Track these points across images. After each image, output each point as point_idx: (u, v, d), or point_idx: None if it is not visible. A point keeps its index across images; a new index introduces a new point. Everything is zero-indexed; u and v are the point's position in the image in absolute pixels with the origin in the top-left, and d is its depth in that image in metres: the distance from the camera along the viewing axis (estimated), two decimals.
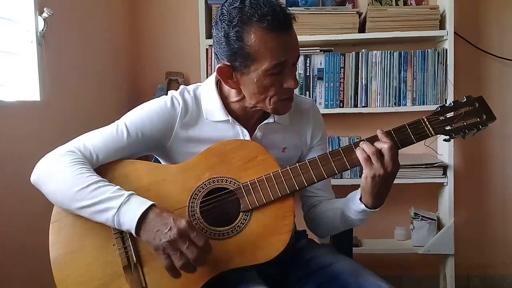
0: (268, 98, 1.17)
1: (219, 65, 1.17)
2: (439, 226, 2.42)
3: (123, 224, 1.06)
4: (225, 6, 1.15)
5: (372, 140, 1.14)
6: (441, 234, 2.35)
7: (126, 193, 1.08)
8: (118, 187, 1.10)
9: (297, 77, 2.30)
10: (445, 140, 1.18)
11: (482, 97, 1.17)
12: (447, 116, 1.16)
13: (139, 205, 1.06)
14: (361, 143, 1.13)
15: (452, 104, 1.17)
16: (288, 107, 1.22)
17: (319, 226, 1.34)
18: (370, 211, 1.17)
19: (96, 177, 1.11)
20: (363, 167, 1.11)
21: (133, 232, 1.05)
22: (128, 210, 1.06)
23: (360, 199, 1.17)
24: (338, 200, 1.30)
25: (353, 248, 1.54)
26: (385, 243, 2.52)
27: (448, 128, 1.16)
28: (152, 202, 1.07)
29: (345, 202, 1.23)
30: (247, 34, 1.11)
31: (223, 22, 1.13)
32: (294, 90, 1.21)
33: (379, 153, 1.10)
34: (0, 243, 1.52)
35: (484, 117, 1.15)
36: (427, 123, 1.16)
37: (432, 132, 1.15)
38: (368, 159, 1.10)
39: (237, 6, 1.12)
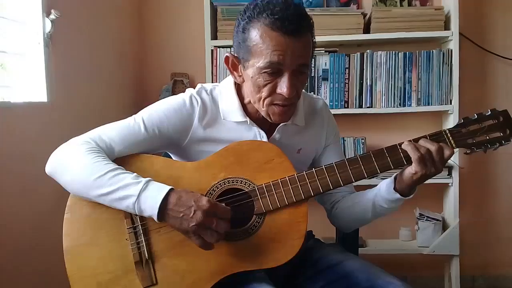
0: (262, 99, 1.16)
1: (226, 54, 1.19)
2: (444, 226, 2.43)
3: (144, 211, 1.07)
4: (250, 2, 1.16)
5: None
6: (446, 234, 2.35)
7: (144, 179, 1.09)
8: (135, 174, 1.11)
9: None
10: (465, 153, 1.17)
11: (506, 110, 1.15)
12: (470, 129, 1.14)
13: (158, 191, 1.07)
14: (406, 143, 1.14)
15: (476, 116, 1.15)
16: (281, 116, 1.18)
17: (347, 220, 1.33)
18: (405, 199, 1.19)
19: (113, 165, 1.12)
20: (415, 165, 1.11)
21: (155, 218, 1.07)
22: (148, 196, 1.07)
23: (394, 189, 1.18)
24: (364, 192, 1.29)
25: (358, 248, 1.55)
26: (390, 243, 2.52)
27: (470, 141, 1.14)
28: (170, 187, 1.08)
29: (376, 194, 1.24)
30: (252, 28, 1.12)
31: (240, 14, 1.16)
32: (299, 97, 1.20)
33: (430, 154, 1.12)
34: (9, 242, 1.52)
35: (508, 132, 1.14)
36: (449, 135, 1.15)
37: (454, 144, 1.14)
38: (422, 158, 1.11)
39: (255, 2, 1.14)
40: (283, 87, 1.12)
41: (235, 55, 1.18)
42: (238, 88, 1.26)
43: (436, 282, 2.58)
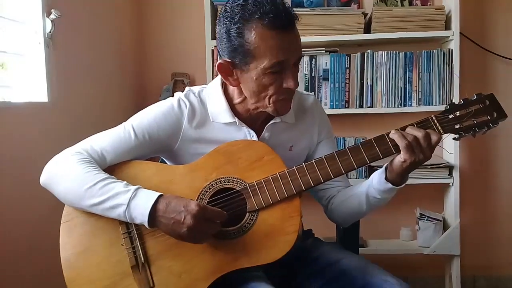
0: (267, 97, 1.17)
1: (219, 61, 1.18)
2: (445, 226, 2.42)
3: (135, 218, 1.09)
4: (229, 3, 1.16)
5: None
6: (447, 234, 2.35)
7: (133, 187, 1.11)
8: (125, 182, 1.13)
9: (303, 77, 2.34)
10: (454, 139, 1.18)
11: (492, 94, 1.16)
12: (457, 115, 1.15)
13: (147, 198, 1.09)
14: (393, 132, 1.14)
15: (462, 102, 1.16)
16: (287, 108, 1.22)
17: (343, 215, 1.34)
18: (397, 188, 1.19)
19: (103, 175, 1.13)
20: (404, 153, 1.11)
21: (146, 225, 1.08)
22: (137, 204, 1.08)
23: (386, 179, 1.19)
24: (357, 185, 1.30)
25: (359, 248, 1.55)
26: (390, 243, 2.52)
27: (457, 126, 1.15)
28: (159, 193, 1.10)
29: (368, 185, 1.24)
30: (247, 31, 1.11)
31: (226, 18, 1.15)
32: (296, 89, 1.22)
33: (417, 140, 1.12)
34: (9, 244, 1.53)
35: (495, 115, 1.14)
36: (435, 121, 1.15)
37: (441, 130, 1.15)
38: (410, 145, 1.11)
39: (240, 3, 1.13)
40: (289, 81, 1.15)
41: (229, 60, 1.17)
42: (225, 89, 1.26)
43: (437, 282, 2.58)
